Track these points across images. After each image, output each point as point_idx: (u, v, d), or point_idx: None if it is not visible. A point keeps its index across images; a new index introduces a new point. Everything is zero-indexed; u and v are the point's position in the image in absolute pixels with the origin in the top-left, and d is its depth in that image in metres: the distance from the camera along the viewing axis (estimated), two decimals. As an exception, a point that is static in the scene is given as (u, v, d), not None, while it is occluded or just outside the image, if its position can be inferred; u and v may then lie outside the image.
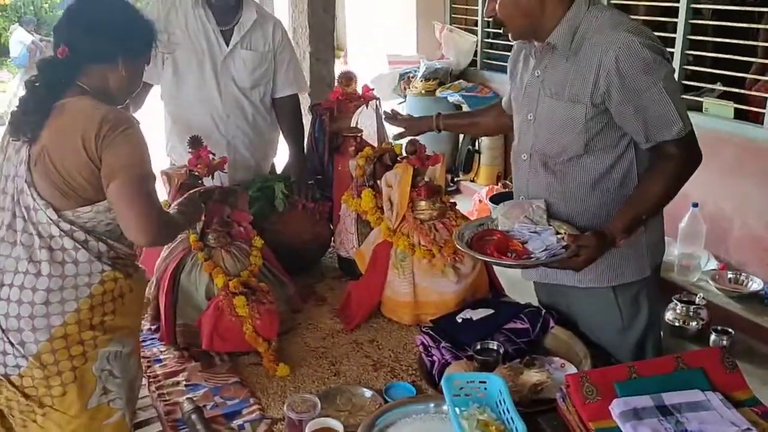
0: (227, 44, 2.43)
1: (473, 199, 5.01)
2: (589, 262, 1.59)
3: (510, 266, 1.68)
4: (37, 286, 1.47)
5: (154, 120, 2.54)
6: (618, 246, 1.62)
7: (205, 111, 2.45)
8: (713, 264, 3.70)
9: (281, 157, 2.65)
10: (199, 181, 2.00)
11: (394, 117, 2.29)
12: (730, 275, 3.58)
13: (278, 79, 2.55)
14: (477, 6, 5.74)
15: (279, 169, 2.68)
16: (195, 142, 2.03)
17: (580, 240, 1.59)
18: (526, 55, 1.80)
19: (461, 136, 5.58)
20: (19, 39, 12.26)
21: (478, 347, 1.63)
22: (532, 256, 1.63)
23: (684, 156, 1.62)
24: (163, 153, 2.67)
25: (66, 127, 1.47)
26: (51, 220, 1.48)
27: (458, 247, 1.73)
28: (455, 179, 5.59)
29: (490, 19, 1.71)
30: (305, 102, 2.75)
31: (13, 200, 1.51)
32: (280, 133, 2.64)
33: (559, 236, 1.66)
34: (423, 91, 5.62)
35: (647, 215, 1.66)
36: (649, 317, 1.82)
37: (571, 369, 1.62)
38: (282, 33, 2.56)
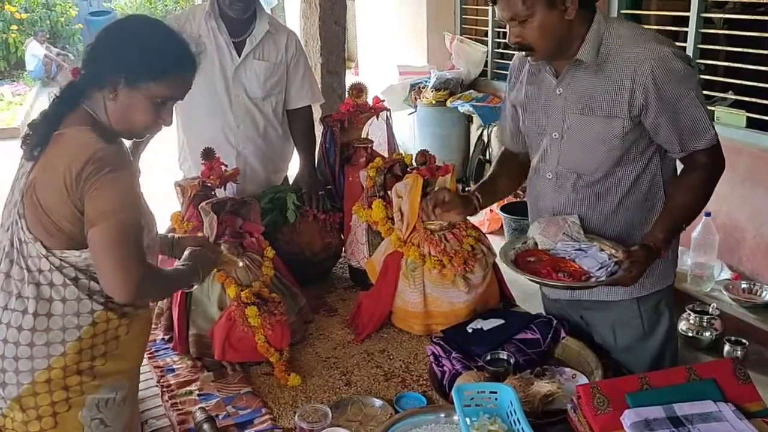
0: (239, 55, 2.45)
1: (484, 209, 4.99)
2: (640, 276, 1.58)
3: (571, 288, 1.67)
4: (23, 325, 1.37)
5: (166, 132, 2.58)
6: (662, 257, 1.62)
7: (215, 122, 2.47)
8: (726, 274, 3.67)
9: (292, 168, 2.66)
10: (212, 192, 2.03)
11: (441, 204, 1.85)
12: (743, 285, 3.55)
13: (292, 90, 2.57)
14: (487, 17, 5.76)
15: (290, 181, 2.70)
16: (208, 154, 2.06)
17: (633, 255, 1.58)
18: (531, 73, 1.77)
19: (472, 145, 5.59)
20: (33, 53, 12.46)
21: (489, 357, 1.63)
22: (591, 276, 1.61)
23: (714, 164, 1.65)
24: (176, 164, 2.71)
25: (54, 162, 1.35)
26: (40, 254, 1.38)
27: (512, 270, 1.69)
28: (466, 189, 5.60)
29: (515, 45, 1.64)
30: (316, 113, 2.76)
31: (12, 228, 1.42)
32: (293, 146, 2.66)
33: (604, 252, 1.65)
34: (434, 101, 5.64)
35: (686, 224, 1.67)
36: (669, 324, 1.83)
37: (582, 379, 1.62)
38: (296, 44, 2.58)
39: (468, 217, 2.12)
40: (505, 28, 1.70)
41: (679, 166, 1.75)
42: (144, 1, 12.96)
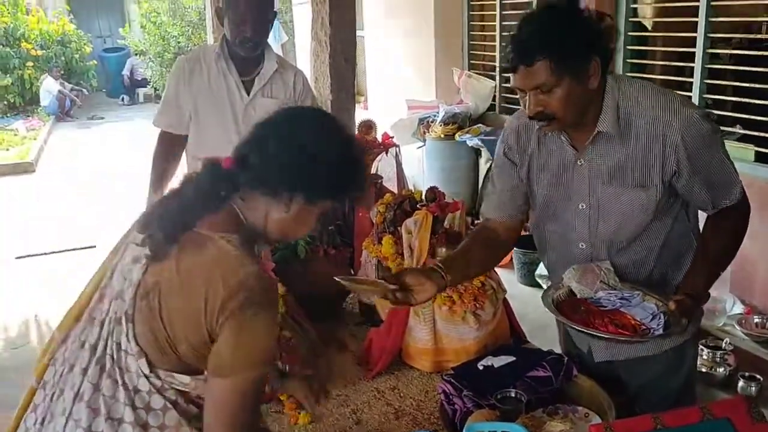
0: (248, 93, 2.50)
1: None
2: (689, 325, 1.56)
3: (631, 342, 1.62)
4: None
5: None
6: (703, 304, 1.58)
7: None
8: (739, 308, 3.64)
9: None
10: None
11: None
12: (756, 320, 3.52)
13: None
14: (494, 52, 5.84)
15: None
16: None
17: (682, 304, 1.52)
18: (542, 143, 1.70)
19: (480, 179, 5.61)
20: (48, 88, 12.70)
21: (500, 396, 1.62)
22: (649, 328, 1.56)
23: (743, 210, 1.66)
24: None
25: (195, 274, 1.15)
26: (141, 371, 1.17)
27: (563, 322, 1.65)
28: (475, 222, 5.59)
29: (534, 115, 1.53)
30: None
31: (108, 327, 1.21)
32: None
33: (649, 302, 1.63)
34: (442, 135, 5.69)
35: (722, 270, 1.66)
36: (693, 359, 1.82)
37: (595, 419, 1.60)
38: (303, 82, 2.63)
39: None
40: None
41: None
42: (157, 38, 13.19)
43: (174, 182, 2.10)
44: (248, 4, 2.42)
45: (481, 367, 1.82)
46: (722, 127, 3.88)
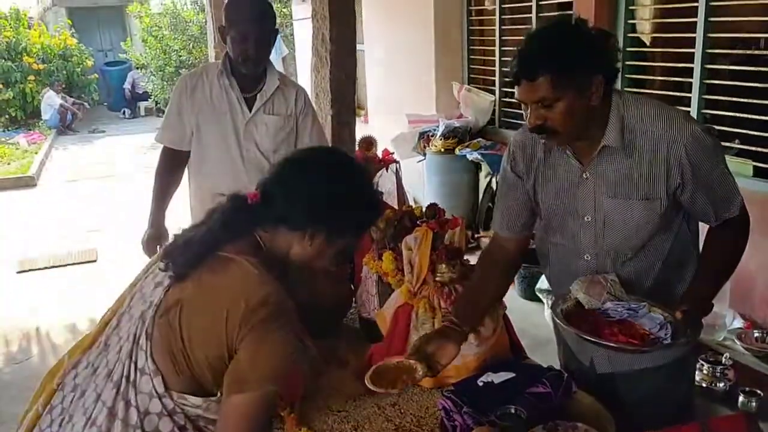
0: (250, 110, 2.52)
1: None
2: (698, 335, 1.58)
3: (641, 352, 1.62)
4: None
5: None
6: (706, 315, 1.60)
7: (227, 176, 2.53)
8: (739, 322, 3.64)
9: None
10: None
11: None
12: (756, 334, 3.52)
13: (301, 143, 2.63)
14: (494, 66, 5.87)
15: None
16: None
17: (688, 315, 1.54)
18: (541, 156, 1.74)
19: (480, 192, 5.63)
20: (49, 102, 12.76)
21: (500, 412, 1.63)
22: (657, 339, 1.57)
23: (742, 225, 1.68)
24: (186, 215, 2.75)
25: (217, 290, 1.20)
26: (155, 392, 1.18)
27: (574, 333, 1.65)
28: (476, 236, 5.62)
29: (534, 128, 1.57)
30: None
31: (126, 349, 1.22)
32: None
33: (655, 312, 1.63)
34: (442, 149, 5.71)
35: (724, 281, 1.69)
36: (692, 372, 1.83)
37: (595, 435, 1.61)
38: (305, 99, 2.66)
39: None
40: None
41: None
42: (159, 52, 13.26)
43: (175, 197, 2.11)
44: (250, 23, 2.44)
45: (481, 384, 1.82)
46: (721, 143, 3.90)
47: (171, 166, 2.67)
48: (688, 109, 3.92)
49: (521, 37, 1.59)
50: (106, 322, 1.31)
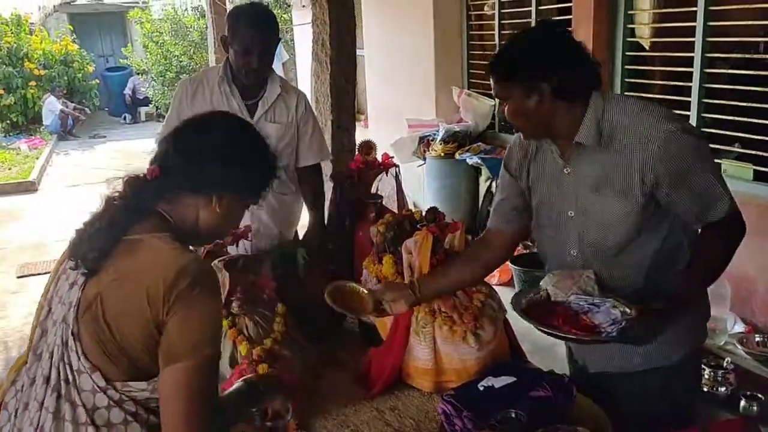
0: (252, 118, 2.52)
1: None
2: (654, 338, 1.57)
3: (581, 341, 1.65)
4: None
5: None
6: (675, 320, 1.58)
7: None
8: (740, 327, 3.63)
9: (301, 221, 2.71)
10: (224, 250, 2.06)
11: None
12: (757, 338, 3.51)
13: (301, 149, 2.63)
14: (494, 71, 5.87)
15: (299, 235, 2.74)
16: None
17: (647, 315, 1.56)
18: (533, 152, 1.80)
19: (480, 196, 5.63)
20: (50, 107, 12.78)
21: (500, 417, 1.62)
22: (602, 330, 1.59)
23: (732, 228, 1.64)
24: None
25: (132, 274, 1.19)
26: (97, 387, 1.19)
27: (522, 318, 1.69)
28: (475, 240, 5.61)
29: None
30: (327, 169, 2.82)
31: (58, 353, 1.21)
32: (302, 201, 2.70)
33: (618, 309, 1.63)
34: (442, 154, 5.71)
35: (707, 286, 1.68)
36: (691, 378, 1.85)
37: (595, 439, 1.60)
38: (305, 104, 2.65)
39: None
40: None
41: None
42: (160, 58, 13.29)
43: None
44: (255, 36, 2.41)
45: (481, 388, 1.82)
46: (721, 146, 3.90)
47: None
48: (687, 113, 3.93)
49: (521, 41, 1.63)
50: (32, 335, 1.31)
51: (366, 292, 1.94)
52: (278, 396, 1.53)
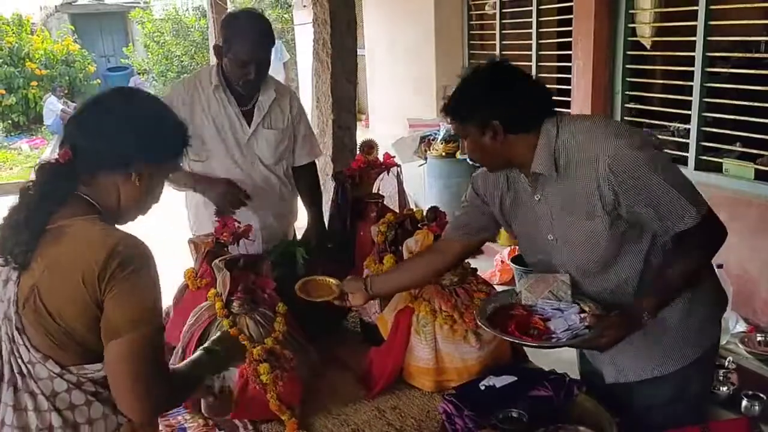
0: (249, 125, 2.50)
1: (495, 260, 5.01)
2: (614, 343, 1.56)
3: (530, 346, 1.68)
4: None
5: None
6: (643, 326, 1.58)
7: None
8: (742, 326, 3.62)
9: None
10: (225, 249, 2.06)
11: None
12: (759, 338, 3.50)
13: (296, 149, 2.63)
14: (495, 71, 5.87)
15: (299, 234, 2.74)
16: (222, 211, 2.10)
17: (604, 321, 1.57)
18: (503, 184, 1.82)
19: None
20: (51, 107, 12.79)
21: (502, 416, 1.62)
22: (552, 336, 1.60)
23: (704, 237, 1.61)
24: (186, 223, 2.73)
25: (64, 260, 1.19)
26: (53, 373, 1.21)
27: (479, 323, 1.73)
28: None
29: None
30: (328, 168, 2.83)
31: (7, 349, 1.23)
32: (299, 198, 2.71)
33: (583, 315, 1.64)
34: (443, 153, 5.71)
35: (681, 292, 1.65)
36: (699, 383, 1.82)
37: (596, 438, 1.60)
38: (297, 104, 2.64)
39: (478, 272, 2.13)
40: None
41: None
42: (161, 58, 13.30)
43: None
44: (251, 49, 2.36)
45: (482, 387, 1.82)
46: (722, 146, 3.90)
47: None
48: (689, 112, 3.93)
49: (521, 42, 1.65)
50: None
51: (335, 282, 2.05)
52: (241, 357, 1.57)
